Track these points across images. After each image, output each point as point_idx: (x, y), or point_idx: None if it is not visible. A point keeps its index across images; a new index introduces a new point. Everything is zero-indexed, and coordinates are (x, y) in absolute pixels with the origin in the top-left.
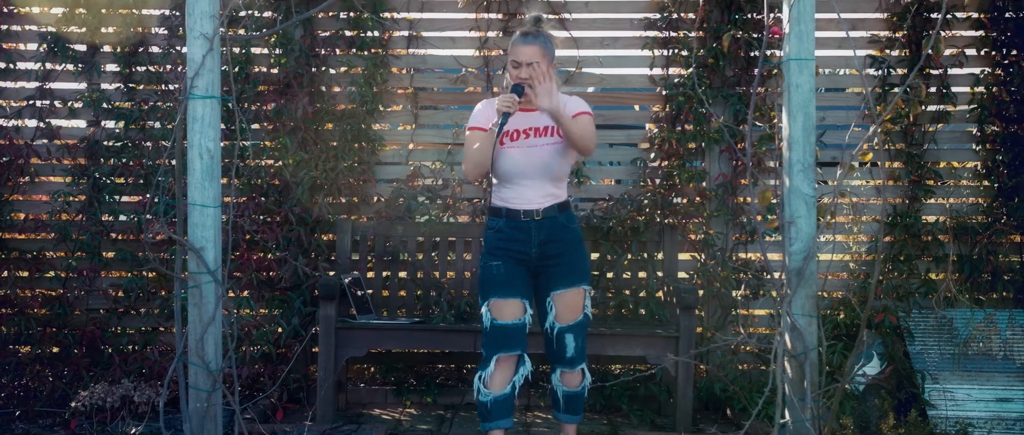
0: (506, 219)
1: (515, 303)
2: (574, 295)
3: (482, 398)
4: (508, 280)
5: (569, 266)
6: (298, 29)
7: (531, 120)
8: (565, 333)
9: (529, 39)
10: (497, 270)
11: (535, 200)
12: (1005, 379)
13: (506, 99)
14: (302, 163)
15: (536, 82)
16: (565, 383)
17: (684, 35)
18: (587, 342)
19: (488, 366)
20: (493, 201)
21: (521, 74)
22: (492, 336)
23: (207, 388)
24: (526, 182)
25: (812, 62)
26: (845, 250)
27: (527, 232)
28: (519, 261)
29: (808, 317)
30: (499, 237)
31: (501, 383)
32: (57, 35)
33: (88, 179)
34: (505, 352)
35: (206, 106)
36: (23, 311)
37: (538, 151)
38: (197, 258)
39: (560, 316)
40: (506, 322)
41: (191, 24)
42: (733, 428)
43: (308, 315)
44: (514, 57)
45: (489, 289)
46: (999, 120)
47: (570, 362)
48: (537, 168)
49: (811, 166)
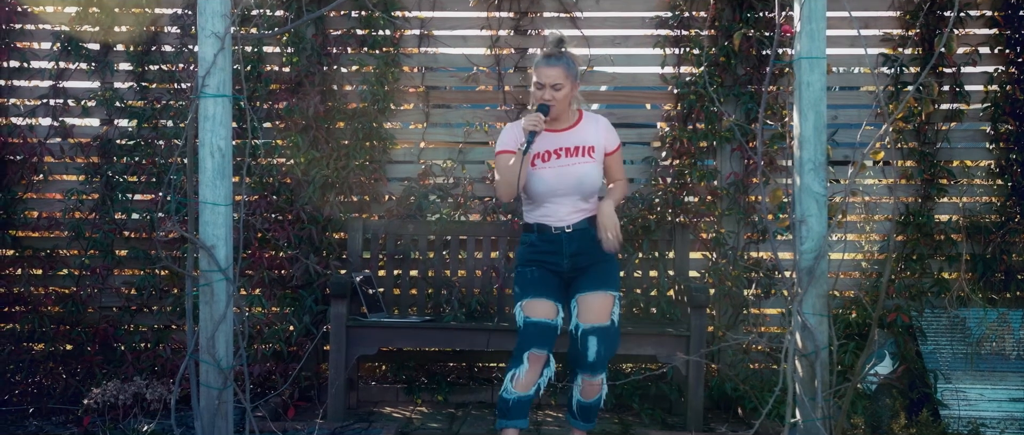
0: (537, 234)
1: (547, 303)
2: (600, 298)
3: (505, 395)
4: (541, 283)
5: (599, 273)
6: (310, 28)
7: (560, 140)
8: (589, 335)
9: (552, 61)
10: (532, 274)
11: (566, 217)
12: (1018, 379)
13: (532, 118)
14: (314, 161)
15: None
16: (583, 393)
17: (695, 33)
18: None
19: (522, 363)
20: (525, 218)
21: (545, 95)
22: (525, 333)
23: (218, 386)
24: (558, 200)
25: (823, 60)
26: (857, 249)
27: (558, 244)
28: (552, 272)
29: (819, 316)
30: (532, 251)
31: (528, 384)
32: (70, 34)
33: (101, 177)
34: (536, 349)
35: (218, 105)
36: (37, 309)
37: (570, 171)
38: (209, 256)
39: (583, 316)
40: (538, 319)
41: (203, 23)
42: (744, 427)
43: (319, 313)
44: (537, 78)
45: (523, 291)
46: (1013, 118)
47: (591, 368)
48: (569, 187)
49: (822, 165)
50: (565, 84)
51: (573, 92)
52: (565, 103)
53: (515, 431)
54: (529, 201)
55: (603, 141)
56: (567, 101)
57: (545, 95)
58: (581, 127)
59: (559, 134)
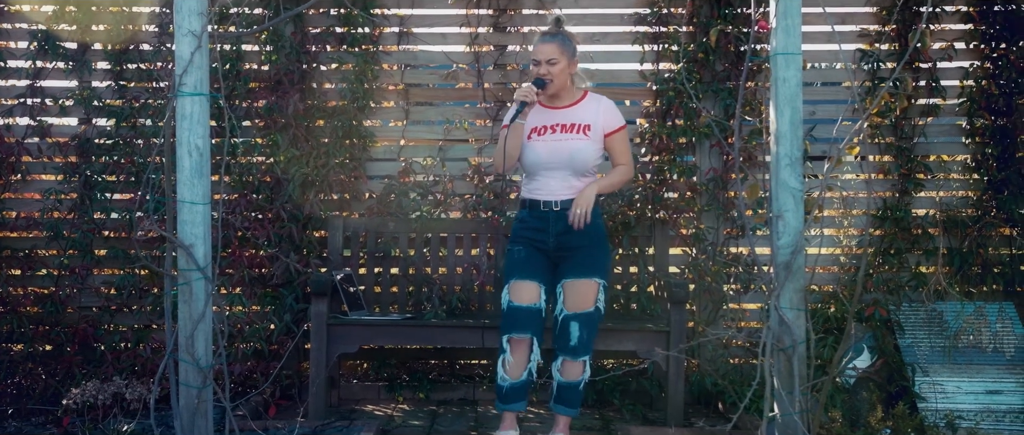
0: (529, 209)
1: (532, 286)
2: (585, 285)
3: (500, 383)
4: (527, 263)
5: (585, 258)
6: (288, 26)
7: (558, 117)
8: (570, 320)
9: (547, 38)
10: (518, 254)
11: (557, 191)
12: (995, 371)
13: (524, 90)
14: (293, 160)
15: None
16: (564, 373)
17: (673, 30)
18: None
19: (504, 349)
20: (522, 193)
21: (541, 70)
22: (507, 316)
23: (198, 385)
24: (550, 173)
25: (799, 56)
26: (835, 244)
27: (545, 221)
28: (539, 249)
29: (796, 310)
30: (522, 226)
31: (518, 370)
32: (48, 33)
33: (79, 177)
34: (517, 333)
35: (195, 103)
36: (15, 309)
37: (563, 146)
38: (187, 255)
39: (568, 302)
40: (520, 304)
41: (179, 21)
42: (725, 422)
43: (300, 312)
44: (534, 55)
45: (510, 272)
46: (988, 113)
47: (573, 351)
48: (560, 161)
49: (798, 160)
50: (560, 59)
51: (571, 69)
52: (563, 78)
53: (512, 415)
54: (525, 174)
55: (602, 121)
56: (565, 77)
57: (541, 70)
58: (582, 105)
59: (558, 111)
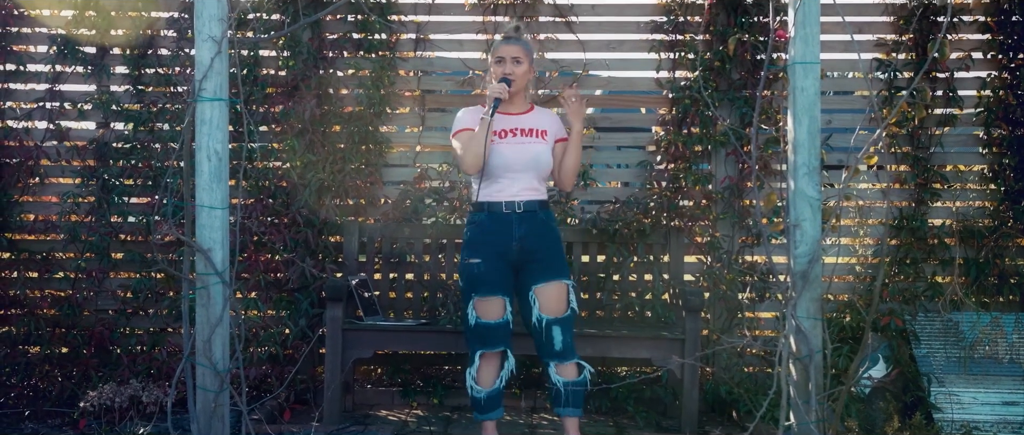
0: (487, 213)
1: (497, 301)
2: (556, 288)
3: (475, 394)
4: (489, 277)
5: (548, 261)
6: (306, 32)
7: (516, 121)
8: (553, 325)
9: (511, 40)
10: (478, 268)
11: (519, 193)
12: (1011, 382)
13: (496, 88)
14: (309, 165)
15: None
16: (561, 373)
17: (690, 38)
18: (592, 344)
19: (474, 363)
20: (478, 197)
21: (505, 68)
22: (476, 333)
23: (215, 389)
24: (514, 176)
25: (817, 65)
26: (851, 253)
27: (508, 225)
28: (499, 255)
29: (813, 320)
30: (480, 230)
31: (489, 379)
32: (67, 37)
33: (97, 180)
34: (489, 349)
35: (214, 108)
36: (32, 312)
37: (527, 148)
38: (205, 259)
39: (544, 308)
40: (489, 321)
41: (199, 27)
42: (738, 430)
43: (315, 316)
44: (499, 54)
45: (471, 287)
46: (1006, 123)
47: (560, 355)
48: (524, 163)
49: (816, 169)
50: (524, 60)
51: (530, 74)
52: (523, 80)
53: (492, 423)
54: (485, 177)
55: (555, 128)
56: (525, 80)
57: (506, 68)
58: (535, 113)
59: (514, 117)
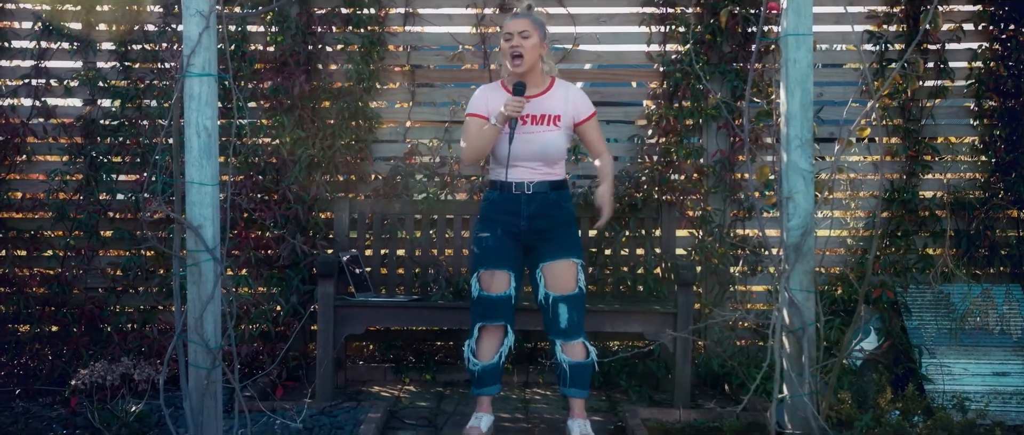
0: (500, 191)
1: (502, 275)
2: (564, 266)
3: (472, 367)
4: (497, 251)
5: (558, 240)
6: (294, 7)
7: (530, 107)
8: (559, 303)
9: (519, 15)
10: (487, 241)
11: (528, 176)
12: (1001, 353)
13: (514, 104)
14: (299, 141)
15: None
16: (567, 353)
17: (681, 11)
18: (585, 319)
19: (474, 334)
20: (490, 175)
21: (514, 42)
22: (478, 306)
23: (207, 366)
24: (520, 164)
25: (810, 37)
26: (843, 226)
27: (517, 204)
28: (508, 233)
29: (806, 292)
30: (492, 207)
31: (488, 353)
32: (52, 14)
33: (85, 158)
34: (490, 322)
35: (203, 84)
36: (21, 290)
37: (533, 138)
38: (195, 236)
39: (550, 284)
40: (491, 294)
41: (187, 2)
42: (731, 403)
43: (306, 293)
44: (507, 30)
45: (479, 259)
46: (997, 95)
47: (565, 333)
48: (531, 154)
49: (809, 142)
50: (533, 34)
51: (542, 49)
52: (533, 55)
53: (488, 398)
54: (495, 162)
55: (572, 110)
56: (535, 54)
57: (514, 42)
58: (550, 94)
59: (528, 101)
